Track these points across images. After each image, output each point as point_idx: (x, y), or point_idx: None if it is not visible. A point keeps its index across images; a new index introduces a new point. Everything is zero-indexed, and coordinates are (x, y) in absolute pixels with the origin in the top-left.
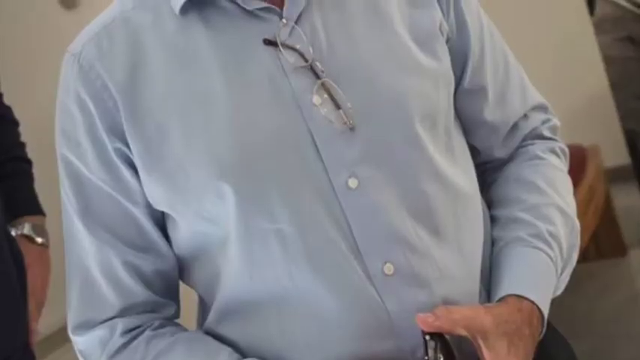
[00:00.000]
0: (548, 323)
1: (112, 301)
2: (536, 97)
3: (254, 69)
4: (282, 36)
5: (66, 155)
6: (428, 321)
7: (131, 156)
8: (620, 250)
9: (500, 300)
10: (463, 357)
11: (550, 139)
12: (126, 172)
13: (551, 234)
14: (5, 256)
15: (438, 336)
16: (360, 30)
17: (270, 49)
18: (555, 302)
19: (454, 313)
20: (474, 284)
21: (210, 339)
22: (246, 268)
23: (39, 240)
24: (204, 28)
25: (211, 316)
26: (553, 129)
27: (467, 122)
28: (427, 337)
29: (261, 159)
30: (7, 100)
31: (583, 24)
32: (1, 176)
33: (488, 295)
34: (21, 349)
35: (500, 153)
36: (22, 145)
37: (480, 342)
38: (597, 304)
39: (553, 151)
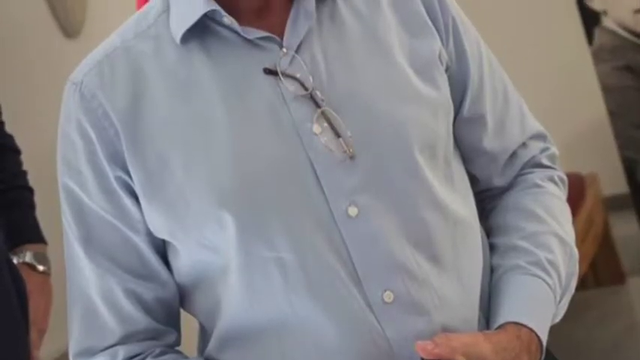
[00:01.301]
0: (547, 351)
1: (113, 328)
2: (535, 125)
3: (254, 98)
4: (283, 65)
5: (67, 183)
6: (427, 348)
7: (132, 184)
8: (618, 278)
9: (499, 327)
10: None
11: (549, 167)
12: (127, 201)
13: (549, 262)
14: (7, 284)
15: None
16: (359, 59)
17: (271, 78)
18: (554, 330)
19: (453, 341)
20: (473, 312)
21: None
22: (246, 295)
23: (40, 268)
24: (205, 57)
25: (212, 344)
26: (552, 157)
27: (466, 151)
28: None
29: (262, 188)
30: (8, 129)
31: (582, 53)
32: (3, 204)
33: (487, 322)
34: None
35: (499, 181)
36: (24, 174)
37: None
38: (596, 332)
39: (552, 180)
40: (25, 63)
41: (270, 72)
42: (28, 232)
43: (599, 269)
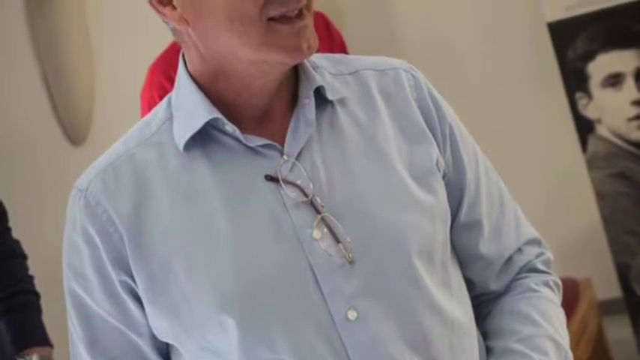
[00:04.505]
0: None
1: None
2: (530, 231)
3: (256, 204)
4: (283, 172)
5: (73, 288)
6: None
7: (136, 288)
8: None
9: None
10: None
11: (544, 272)
12: (131, 305)
13: None
14: None
15: None
16: (358, 166)
17: (272, 184)
18: None
19: None
20: None
21: None
22: None
23: None
24: (208, 163)
25: None
26: (547, 262)
27: (462, 255)
28: None
29: (263, 293)
30: (15, 234)
31: (576, 160)
32: (10, 308)
33: None
34: None
35: (495, 286)
36: (31, 278)
37: None
38: None
39: (547, 284)
40: (31, 169)
41: (272, 179)
42: (35, 335)
43: None
